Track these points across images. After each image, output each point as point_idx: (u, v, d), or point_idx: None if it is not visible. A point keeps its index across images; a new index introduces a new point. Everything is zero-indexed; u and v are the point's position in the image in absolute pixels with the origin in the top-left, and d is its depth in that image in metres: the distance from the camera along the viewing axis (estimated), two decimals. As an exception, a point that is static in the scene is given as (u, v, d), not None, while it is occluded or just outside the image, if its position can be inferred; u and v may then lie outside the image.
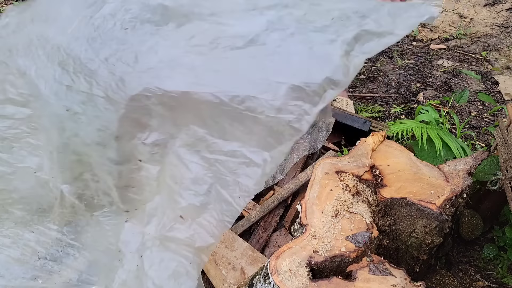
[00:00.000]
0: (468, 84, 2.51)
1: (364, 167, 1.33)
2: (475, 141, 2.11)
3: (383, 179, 1.30)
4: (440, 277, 1.57)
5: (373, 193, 1.29)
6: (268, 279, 1.05)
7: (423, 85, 2.55)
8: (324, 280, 1.04)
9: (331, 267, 1.08)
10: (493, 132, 1.65)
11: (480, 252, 1.64)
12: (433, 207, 1.20)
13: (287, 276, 1.03)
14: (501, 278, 1.55)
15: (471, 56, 2.71)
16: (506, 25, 2.89)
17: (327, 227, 1.16)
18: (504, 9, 3.00)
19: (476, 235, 1.62)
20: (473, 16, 3.02)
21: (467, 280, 1.56)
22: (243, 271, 1.24)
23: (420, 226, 1.24)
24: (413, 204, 1.22)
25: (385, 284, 1.05)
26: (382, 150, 1.44)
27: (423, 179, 1.30)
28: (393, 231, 1.30)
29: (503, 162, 1.44)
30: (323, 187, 1.27)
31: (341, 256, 1.08)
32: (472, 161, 1.37)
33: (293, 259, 1.06)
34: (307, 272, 1.04)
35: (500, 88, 2.44)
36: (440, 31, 2.97)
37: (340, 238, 1.13)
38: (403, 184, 1.28)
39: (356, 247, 1.11)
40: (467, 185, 1.28)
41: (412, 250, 1.31)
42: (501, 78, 2.50)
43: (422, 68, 2.68)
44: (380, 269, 1.09)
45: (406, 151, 1.43)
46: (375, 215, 1.27)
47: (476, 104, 2.36)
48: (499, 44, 2.75)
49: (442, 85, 2.52)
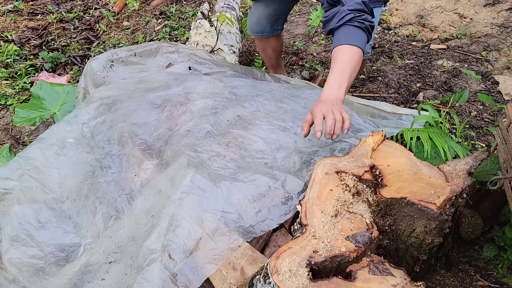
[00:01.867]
0: (468, 84, 2.51)
1: (364, 167, 1.33)
2: (475, 141, 2.11)
3: (383, 179, 1.30)
4: (440, 277, 1.57)
5: (373, 193, 1.29)
6: (268, 279, 1.05)
7: (423, 85, 2.55)
8: (324, 280, 1.04)
9: (331, 267, 1.08)
10: (493, 132, 1.65)
11: (480, 252, 1.64)
12: (433, 207, 1.20)
13: (287, 276, 1.03)
14: (501, 278, 1.56)
15: (471, 56, 2.71)
16: (506, 25, 2.89)
17: (327, 227, 1.16)
18: (504, 9, 3.00)
19: (476, 235, 1.62)
20: (473, 16, 3.02)
21: (467, 280, 1.56)
22: (243, 271, 1.24)
23: (420, 226, 1.24)
24: (413, 204, 1.22)
25: (385, 284, 1.05)
26: (382, 150, 1.43)
27: (423, 179, 1.30)
28: (393, 231, 1.30)
29: (503, 162, 1.44)
30: (323, 187, 1.27)
31: (341, 256, 1.08)
32: (472, 161, 1.37)
33: (293, 259, 1.06)
34: (307, 272, 1.04)
35: (500, 88, 2.44)
36: (440, 31, 2.97)
37: (340, 238, 1.13)
38: (403, 184, 1.28)
39: (356, 247, 1.11)
40: (467, 185, 1.28)
41: (412, 250, 1.31)
42: (501, 78, 2.50)
43: (422, 68, 2.68)
44: (380, 269, 1.09)
45: (406, 151, 1.42)
46: (375, 215, 1.27)
47: (476, 104, 2.36)
48: (499, 44, 2.75)
49: (442, 85, 2.52)
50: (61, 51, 3.29)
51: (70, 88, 2.26)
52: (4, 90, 2.90)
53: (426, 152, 1.62)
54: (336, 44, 1.49)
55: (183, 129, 1.66)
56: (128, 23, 3.58)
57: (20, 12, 3.78)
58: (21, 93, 2.90)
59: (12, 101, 2.81)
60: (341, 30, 1.49)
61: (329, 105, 1.38)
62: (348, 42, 1.46)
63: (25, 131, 2.62)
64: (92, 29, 3.57)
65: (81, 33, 3.51)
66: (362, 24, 1.47)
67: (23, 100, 2.83)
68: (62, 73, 3.09)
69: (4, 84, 2.97)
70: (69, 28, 3.55)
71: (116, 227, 1.44)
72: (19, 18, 3.69)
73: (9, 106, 2.79)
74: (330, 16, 1.52)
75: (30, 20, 3.68)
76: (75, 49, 3.32)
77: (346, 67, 1.44)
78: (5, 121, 2.70)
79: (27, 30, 3.52)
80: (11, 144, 2.49)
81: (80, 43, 3.37)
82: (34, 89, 2.24)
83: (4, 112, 2.78)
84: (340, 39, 1.48)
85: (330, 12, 1.52)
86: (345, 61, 1.45)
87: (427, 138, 1.66)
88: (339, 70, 1.44)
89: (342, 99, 1.43)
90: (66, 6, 3.89)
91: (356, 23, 1.47)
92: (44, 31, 3.51)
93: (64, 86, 2.27)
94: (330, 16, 1.52)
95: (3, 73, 3.03)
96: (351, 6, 1.48)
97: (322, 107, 1.38)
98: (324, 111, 1.37)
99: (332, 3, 1.54)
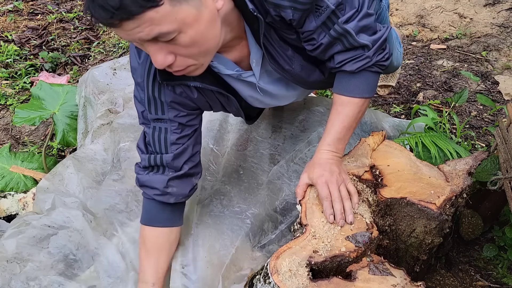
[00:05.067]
0: (468, 84, 2.51)
1: (364, 167, 1.33)
2: (475, 141, 2.11)
3: (383, 179, 1.30)
4: (440, 277, 1.57)
5: (373, 193, 1.29)
6: (268, 279, 1.05)
7: (423, 85, 2.55)
8: (324, 280, 1.04)
9: (331, 267, 1.08)
10: (493, 132, 1.65)
11: (480, 252, 1.64)
12: (433, 207, 1.20)
13: (287, 276, 1.03)
14: (501, 278, 1.55)
15: (471, 56, 2.71)
16: (506, 25, 2.89)
17: (327, 227, 1.16)
18: (504, 9, 3.00)
19: (476, 235, 1.62)
20: (473, 16, 3.02)
21: (467, 280, 1.56)
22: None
23: (420, 226, 1.24)
24: (413, 204, 1.22)
25: (385, 284, 1.05)
26: (382, 150, 1.43)
27: (423, 179, 1.30)
28: (393, 231, 1.30)
29: (503, 162, 1.44)
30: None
31: (341, 256, 1.08)
32: (472, 161, 1.37)
33: (293, 259, 1.06)
34: (307, 272, 1.04)
35: (500, 88, 2.43)
36: (440, 31, 2.97)
37: (340, 238, 1.13)
38: (403, 184, 1.28)
39: (356, 247, 1.11)
40: (467, 185, 1.28)
41: (412, 250, 1.31)
42: (501, 78, 2.49)
43: (422, 68, 2.68)
44: (380, 269, 1.09)
45: (406, 151, 1.42)
46: (375, 215, 1.27)
47: (476, 104, 2.36)
48: (499, 44, 2.75)
49: (442, 85, 2.52)
50: (61, 51, 3.28)
51: (70, 88, 2.26)
52: (4, 90, 2.90)
53: (434, 158, 1.61)
54: (346, 94, 1.23)
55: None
56: (128, 23, 3.58)
57: (20, 12, 3.77)
58: (21, 93, 2.90)
59: (12, 101, 2.80)
60: (357, 77, 1.21)
61: (333, 175, 1.20)
62: (361, 95, 1.22)
63: (25, 131, 2.62)
64: (92, 29, 3.57)
65: (81, 33, 3.50)
66: (382, 67, 1.22)
67: (23, 100, 2.83)
68: (62, 73, 3.08)
69: (4, 84, 2.97)
70: (69, 28, 3.55)
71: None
72: (19, 18, 3.69)
73: (9, 106, 2.79)
74: (344, 62, 1.20)
75: (30, 20, 3.68)
76: (75, 49, 3.32)
77: (352, 123, 1.23)
78: (5, 121, 2.70)
79: (27, 30, 3.52)
80: (11, 144, 2.49)
81: (80, 43, 3.37)
82: (34, 89, 2.24)
83: (4, 112, 2.77)
84: (352, 89, 1.22)
85: (346, 57, 1.19)
86: (352, 117, 1.23)
87: (430, 142, 1.65)
88: (344, 127, 1.23)
89: (341, 159, 1.28)
90: (66, 6, 3.88)
91: (376, 68, 1.22)
92: (44, 31, 3.51)
93: (63, 86, 2.27)
94: (344, 63, 1.20)
95: (3, 73, 3.03)
96: (376, 49, 1.18)
97: (326, 178, 1.19)
98: (330, 187, 1.18)
99: (350, 48, 1.18)
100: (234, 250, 1.30)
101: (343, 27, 1.12)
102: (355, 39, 1.14)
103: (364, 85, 1.21)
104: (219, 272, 1.26)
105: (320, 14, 1.10)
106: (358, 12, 1.12)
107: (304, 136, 1.63)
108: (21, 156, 2.16)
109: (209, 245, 1.32)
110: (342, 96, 1.23)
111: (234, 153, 1.59)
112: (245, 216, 1.38)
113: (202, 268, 1.27)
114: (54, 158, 2.26)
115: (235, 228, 1.35)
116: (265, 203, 1.42)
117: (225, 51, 1.19)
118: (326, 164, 1.21)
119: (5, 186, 2.00)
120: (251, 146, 1.62)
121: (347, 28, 1.12)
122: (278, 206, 1.43)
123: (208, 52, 1.04)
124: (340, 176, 1.21)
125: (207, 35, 0.98)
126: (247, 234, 1.34)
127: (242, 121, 1.71)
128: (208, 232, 1.35)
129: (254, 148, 1.62)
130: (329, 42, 1.15)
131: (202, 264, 1.28)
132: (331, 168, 1.20)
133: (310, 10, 1.08)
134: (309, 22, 1.11)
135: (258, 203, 1.41)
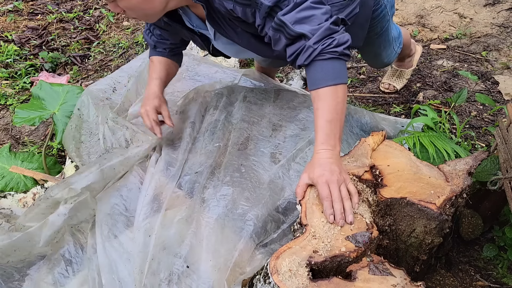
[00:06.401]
0: (468, 84, 2.51)
1: (364, 167, 1.33)
2: (475, 141, 2.11)
3: (383, 179, 1.30)
4: (440, 277, 1.57)
5: (373, 193, 1.29)
6: (268, 279, 1.05)
7: (423, 85, 2.55)
8: (324, 280, 1.04)
9: (331, 267, 1.08)
10: (493, 132, 1.65)
11: (480, 252, 1.64)
12: (433, 207, 1.20)
13: (287, 276, 1.03)
14: (501, 278, 1.55)
15: (471, 56, 2.71)
16: (506, 25, 2.89)
17: (327, 227, 1.16)
18: (504, 9, 3.00)
19: (476, 235, 1.62)
20: (473, 16, 3.02)
21: (467, 280, 1.56)
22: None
23: (420, 226, 1.24)
24: (413, 204, 1.22)
25: (385, 284, 1.05)
26: (382, 150, 1.43)
27: (423, 179, 1.30)
28: (393, 231, 1.30)
29: (503, 162, 1.44)
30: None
31: (341, 256, 1.08)
32: (472, 161, 1.37)
33: (293, 259, 1.06)
34: (307, 272, 1.04)
35: (500, 88, 2.44)
36: (440, 31, 2.97)
37: (340, 238, 1.13)
38: (403, 184, 1.28)
39: (356, 247, 1.11)
40: (467, 185, 1.28)
41: (412, 250, 1.31)
42: (501, 78, 2.49)
43: (422, 68, 2.68)
44: (380, 269, 1.09)
45: (406, 151, 1.42)
46: (375, 215, 1.27)
47: (476, 104, 2.36)
48: (499, 44, 2.75)
49: (442, 85, 2.52)
50: (61, 51, 3.29)
51: (69, 88, 2.26)
52: (4, 90, 2.90)
53: (432, 157, 1.61)
54: (313, 87, 1.24)
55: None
56: (128, 23, 3.58)
57: (20, 12, 3.77)
58: (21, 93, 2.90)
59: (12, 101, 2.81)
60: (312, 69, 1.24)
61: (333, 175, 1.19)
62: (325, 83, 1.22)
63: (25, 131, 2.62)
64: (92, 29, 3.57)
65: (81, 33, 3.50)
66: (335, 54, 1.21)
67: (23, 100, 2.83)
68: (62, 73, 3.09)
69: (4, 84, 2.97)
70: (69, 28, 3.55)
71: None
72: (19, 18, 3.69)
73: (9, 106, 2.79)
74: (294, 55, 1.27)
75: (30, 20, 3.68)
76: (75, 49, 3.32)
77: (333, 115, 1.22)
78: (5, 121, 2.70)
79: (27, 30, 3.52)
80: (11, 144, 2.49)
81: (80, 43, 3.37)
82: (34, 89, 2.24)
83: (4, 112, 2.78)
84: (314, 81, 1.24)
85: (293, 50, 1.27)
86: (330, 109, 1.22)
87: (429, 142, 1.65)
88: (327, 122, 1.22)
89: (339, 157, 1.26)
90: (66, 6, 3.88)
91: (327, 55, 1.21)
92: (44, 31, 3.51)
93: (63, 86, 2.27)
94: (294, 56, 1.27)
95: (3, 73, 3.03)
96: (317, 37, 1.21)
97: (327, 177, 1.19)
98: (331, 187, 1.19)
99: (291, 38, 1.26)
100: (237, 253, 1.30)
101: (280, 18, 1.24)
102: (291, 28, 1.24)
103: (325, 74, 1.23)
104: (223, 275, 1.27)
105: (259, 10, 1.26)
106: (299, 5, 1.23)
107: (305, 135, 1.62)
108: (21, 156, 2.16)
109: (214, 249, 1.32)
110: (313, 92, 1.25)
111: (235, 152, 1.59)
112: (248, 217, 1.38)
113: (206, 270, 1.28)
114: (54, 158, 2.26)
115: (238, 230, 1.35)
116: (267, 203, 1.41)
117: (192, 6, 1.43)
118: (327, 163, 1.21)
119: (5, 186, 2.00)
120: (251, 144, 1.62)
121: (282, 19, 1.24)
122: (280, 206, 1.43)
123: (148, 16, 1.38)
124: (341, 176, 1.21)
125: (140, 6, 1.29)
126: (251, 236, 1.34)
127: (242, 119, 1.71)
128: (213, 234, 1.35)
129: (254, 146, 1.62)
130: (273, 33, 1.29)
131: (207, 267, 1.29)
132: (331, 167, 1.20)
133: (253, 6, 1.25)
134: (257, 17, 1.28)
135: (261, 203, 1.41)
